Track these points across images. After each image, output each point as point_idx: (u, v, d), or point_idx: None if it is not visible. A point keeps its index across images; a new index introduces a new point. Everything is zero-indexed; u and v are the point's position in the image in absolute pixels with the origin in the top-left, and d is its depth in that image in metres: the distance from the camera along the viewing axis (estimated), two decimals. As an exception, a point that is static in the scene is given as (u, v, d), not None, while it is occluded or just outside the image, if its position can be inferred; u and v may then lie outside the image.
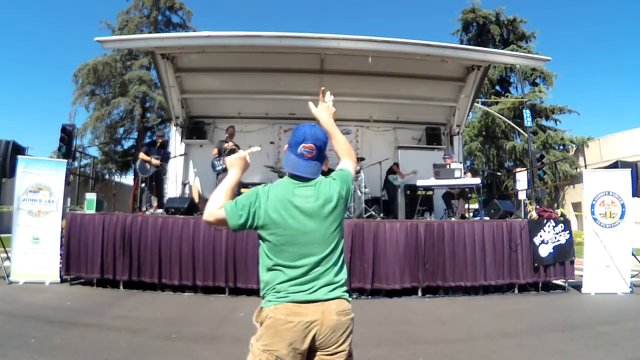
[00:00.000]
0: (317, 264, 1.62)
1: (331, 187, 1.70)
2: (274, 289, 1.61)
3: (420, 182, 7.72)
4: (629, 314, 5.55)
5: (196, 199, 8.34)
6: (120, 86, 22.01)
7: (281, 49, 7.87)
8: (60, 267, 6.54)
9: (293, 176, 1.72)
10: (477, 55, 8.58)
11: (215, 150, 7.91)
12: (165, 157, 8.11)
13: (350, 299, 1.68)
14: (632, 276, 6.80)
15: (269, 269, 1.64)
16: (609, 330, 4.53)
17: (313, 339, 1.55)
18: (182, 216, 6.57)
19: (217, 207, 1.67)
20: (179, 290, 6.31)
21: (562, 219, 7.01)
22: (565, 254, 6.69)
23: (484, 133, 22.24)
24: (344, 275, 1.68)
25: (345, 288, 1.67)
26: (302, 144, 1.69)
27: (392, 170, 9.11)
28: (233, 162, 1.79)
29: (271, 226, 1.63)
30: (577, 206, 18.20)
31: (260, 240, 1.68)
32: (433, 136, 10.21)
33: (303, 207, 1.64)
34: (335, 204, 1.67)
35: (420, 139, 10.55)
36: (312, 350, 1.58)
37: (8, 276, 6.47)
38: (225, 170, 7.60)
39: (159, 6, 23.50)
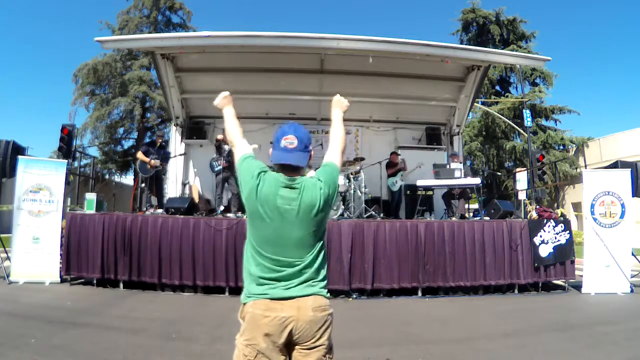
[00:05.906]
0: (294, 265, 1.65)
1: (317, 190, 1.69)
2: (253, 286, 1.68)
3: (420, 182, 7.72)
4: (629, 314, 5.55)
5: (196, 199, 8.35)
6: (120, 86, 22.01)
7: (281, 49, 7.85)
8: (60, 267, 6.54)
9: (282, 168, 1.74)
10: (477, 55, 8.57)
11: (220, 136, 7.56)
12: (165, 157, 8.10)
13: (328, 295, 1.71)
14: (632, 276, 6.80)
15: (249, 268, 1.70)
16: (609, 330, 4.53)
17: (290, 334, 1.60)
18: (182, 216, 6.57)
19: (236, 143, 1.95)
20: (179, 290, 6.31)
21: (562, 219, 7.01)
22: (565, 254, 6.70)
23: (484, 133, 22.24)
24: (323, 273, 1.71)
25: (323, 285, 1.70)
26: (283, 137, 1.76)
27: (391, 162, 9.10)
28: (224, 102, 2.16)
29: (255, 217, 1.69)
30: (577, 206, 18.20)
31: (247, 241, 1.75)
32: (433, 136, 10.24)
33: (283, 209, 1.66)
34: (319, 207, 1.67)
35: (420, 139, 10.56)
36: (291, 344, 1.63)
37: (8, 276, 6.47)
38: (224, 170, 7.58)
39: (159, 6, 23.50)
